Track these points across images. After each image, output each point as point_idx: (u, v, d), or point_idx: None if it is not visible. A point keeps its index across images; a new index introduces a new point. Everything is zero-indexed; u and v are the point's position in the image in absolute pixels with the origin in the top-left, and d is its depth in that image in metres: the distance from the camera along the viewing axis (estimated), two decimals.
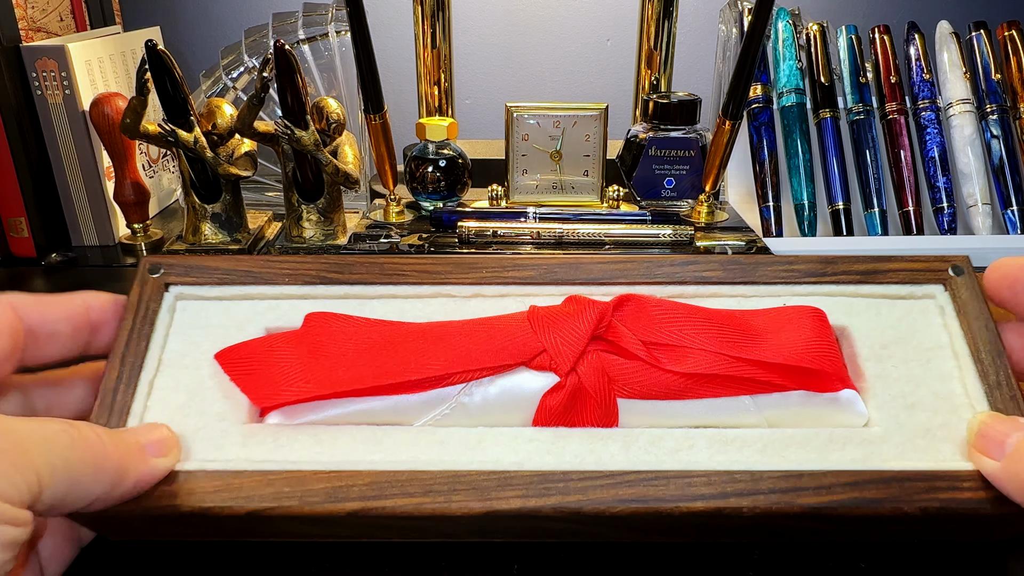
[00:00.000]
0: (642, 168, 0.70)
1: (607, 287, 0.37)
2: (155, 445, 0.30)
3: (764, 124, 0.77)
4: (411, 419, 0.33)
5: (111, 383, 0.32)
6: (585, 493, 0.29)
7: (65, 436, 0.26)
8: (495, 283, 0.37)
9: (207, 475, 0.30)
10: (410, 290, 0.37)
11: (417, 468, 0.30)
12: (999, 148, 0.76)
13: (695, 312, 0.35)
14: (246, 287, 0.37)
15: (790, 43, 0.78)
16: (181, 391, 0.33)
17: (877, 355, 0.35)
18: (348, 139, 0.65)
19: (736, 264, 0.38)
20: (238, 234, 0.66)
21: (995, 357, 0.33)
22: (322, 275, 0.37)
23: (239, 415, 0.32)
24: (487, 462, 0.31)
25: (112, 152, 0.66)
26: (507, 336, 0.33)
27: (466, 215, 0.68)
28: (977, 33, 0.78)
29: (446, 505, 0.29)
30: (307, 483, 0.29)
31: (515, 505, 0.29)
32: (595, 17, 0.94)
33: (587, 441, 0.32)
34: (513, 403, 0.33)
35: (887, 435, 0.32)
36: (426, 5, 0.72)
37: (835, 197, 0.76)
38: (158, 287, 0.36)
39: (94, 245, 0.73)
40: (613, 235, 0.65)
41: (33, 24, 0.76)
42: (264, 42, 0.75)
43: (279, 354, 0.34)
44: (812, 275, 0.37)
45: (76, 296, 0.33)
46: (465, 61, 0.96)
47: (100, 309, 0.34)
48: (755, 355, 0.33)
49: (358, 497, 0.29)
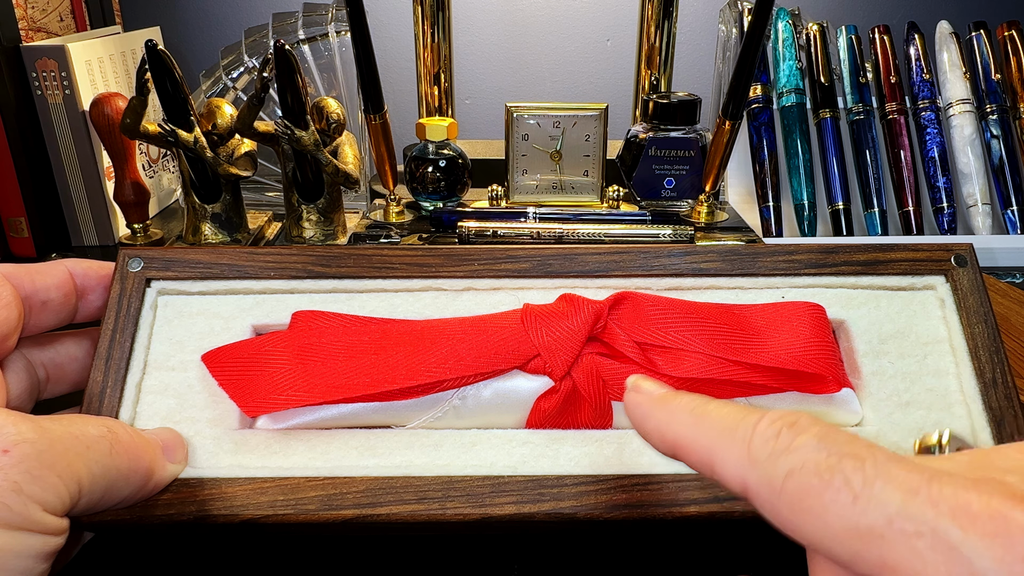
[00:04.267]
0: (642, 168, 0.70)
1: (603, 279, 0.36)
2: (169, 449, 0.30)
3: (764, 124, 0.77)
4: (404, 421, 0.33)
5: (96, 387, 0.32)
6: (579, 499, 0.29)
7: (104, 443, 0.26)
8: (488, 276, 0.36)
9: (201, 483, 0.30)
10: (400, 284, 0.36)
11: (411, 473, 0.30)
12: (999, 148, 0.76)
13: (692, 310, 0.34)
14: (230, 281, 0.36)
15: (790, 43, 0.78)
16: (170, 395, 0.33)
17: (875, 351, 0.34)
18: (348, 139, 0.65)
19: (735, 255, 0.36)
20: (238, 234, 0.66)
21: (992, 354, 0.33)
22: (308, 268, 0.36)
23: (230, 420, 0.32)
24: (481, 466, 0.31)
25: (112, 152, 0.66)
26: (501, 339, 0.33)
27: (466, 215, 0.68)
28: (977, 33, 0.78)
29: (440, 512, 0.29)
30: (301, 491, 0.29)
31: (509, 511, 0.29)
32: (595, 17, 0.94)
33: (581, 443, 0.32)
34: (507, 405, 0.33)
35: (880, 434, 0.32)
36: (426, 5, 0.72)
37: (835, 197, 0.76)
38: (139, 282, 0.35)
39: (94, 245, 0.73)
40: (613, 235, 0.65)
41: (33, 24, 0.76)
42: (264, 42, 0.75)
43: (267, 357, 0.33)
44: (812, 265, 0.36)
45: (58, 264, 0.33)
46: (465, 61, 0.96)
47: (84, 275, 0.34)
48: (752, 358, 0.33)
49: (352, 505, 0.29)
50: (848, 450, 0.20)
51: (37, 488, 0.24)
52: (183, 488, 0.29)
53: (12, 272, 0.31)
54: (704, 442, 0.23)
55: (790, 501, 0.20)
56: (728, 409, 0.23)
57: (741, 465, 0.22)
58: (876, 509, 0.19)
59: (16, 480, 0.23)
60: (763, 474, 0.21)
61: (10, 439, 0.24)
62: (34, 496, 0.24)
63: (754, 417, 0.22)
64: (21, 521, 0.23)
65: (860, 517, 0.19)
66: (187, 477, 0.30)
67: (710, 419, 0.23)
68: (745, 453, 0.22)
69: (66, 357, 0.34)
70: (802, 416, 0.22)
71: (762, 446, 0.21)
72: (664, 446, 0.24)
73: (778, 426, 0.21)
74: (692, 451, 0.23)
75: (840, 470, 0.20)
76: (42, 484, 0.24)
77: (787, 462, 0.21)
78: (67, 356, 0.34)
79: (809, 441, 0.21)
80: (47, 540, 0.24)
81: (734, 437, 0.22)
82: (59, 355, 0.34)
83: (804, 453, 0.20)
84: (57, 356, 0.34)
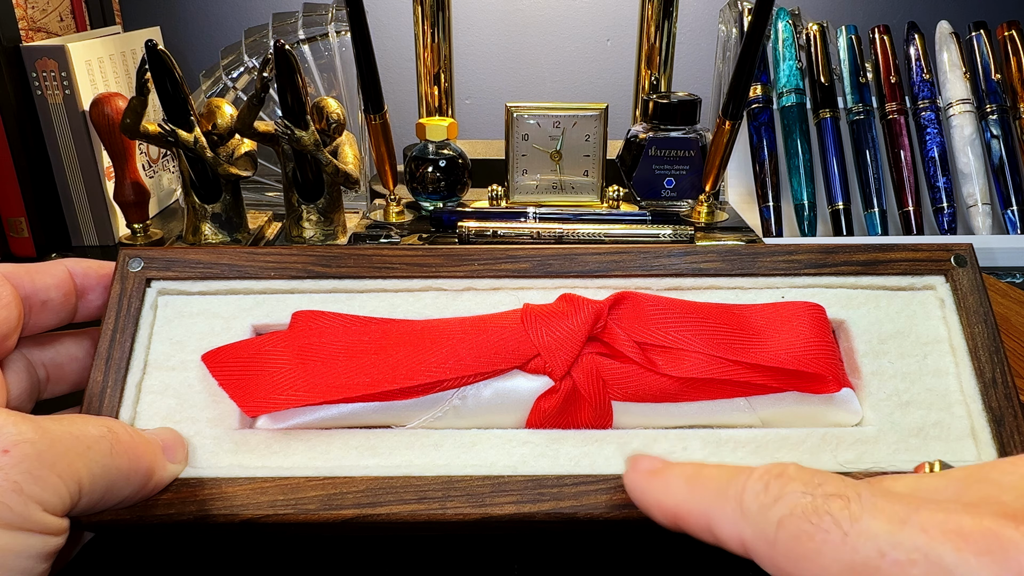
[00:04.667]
0: (642, 168, 0.70)
1: (602, 279, 0.36)
2: (169, 449, 0.30)
3: (764, 124, 0.77)
4: (404, 421, 0.33)
5: (96, 386, 0.32)
6: (579, 499, 0.29)
7: (105, 443, 0.26)
8: (488, 276, 0.36)
9: (201, 483, 0.30)
10: (400, 284, 0.36)
11: (411, 473, 0.30)
12: (999, 148, 0.76)
13: (692, 310, 0.34)
14: (230, 281, 0.36)
15: (790, 43, 0.78)
16: (170, 395, 0.33)
17: (874, 350, 0.34)
18: (348, 139, 0.65)
19: (735, 255, 0.36)
20: (238, 234, 0.66)
21: (992, 354, 0.33)
22: (309, 268, 0.36)
23: (230, 420, 0.32)
24: (481, 466, 0.31)
25: (112, 152, 0.66)
26: (501, 339, 0.33)
27: (466, 215, 0.68)
28: (977, 33, 0.78)
29: (440, 512, 0.29)
30: (301, 491, 0.29)
31: (509, 511, 0.29)
32: (595, 17, 0.94)
33: (581, 443, 0.32)
34: (507, 405, 0.33)
35: (880, 435, 0.32)
36: (426, 5, 0.72)
37: (835, 197, 0.76)
38: (140, 282, 0.35)
39: (94, 245, 0.73)
40: (613, 235, 0.65)
41: (33, 24, 0.76)
42: (264, 42, 0.75)
43: (268, 358, 0.33)
44: (812, 265, 0.36)
45: (57, 263, 0.33)
46: (465, 61, 0.96)
47: (83, 275, 0.34)
48: (752, 358, 0.33)
49: (352, 504, 0.29)
50: (833, 490, 0.21)
51: (37, 488, 0.24)
52: (183, 488, 0.29)
53: (12, 272, 0.31)
54: (701, 507, 0.23)
55: (785, 549, 0.20)
56: (720, 471, 0.24)
57: (736, 522, 0.22)
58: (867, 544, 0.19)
59: (16, 480, 0.23)
60: (756, 527, 0.21)
61: (10, 439, 0.24)
62: (34, 496, 0.24)
63: (744, 474, 0.22)
64: (21, 521, 0.23)
65: (853, 554, 0.19)
66: (187, 477, 0.30)
67: (703, 483, 0.23)
68: (738, 509, 0.22)
69: (66, 357, 0.34)
70: (789, 467, 0.22)
71: (752, 500, 0.22)
72: (665, 518, 0.25)
73: (766, 479, 0.22)
74: (690, 518, 0.24)
75: (828, 511, 0.20)
76: (42, 484, 0.24)
77: (777, 511, 0.21)
78: (67, 356, 0.34)
79: (795, 488, 0.21)
80: (47, 540, 0.24)
81: (727, 496, 0.22)
82: (59, 355, 0.34)
83: (792, 500, 0.21)
84: (57, 356, 0.34)
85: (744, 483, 0.22)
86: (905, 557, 0.18)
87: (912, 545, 0.19)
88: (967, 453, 0.31)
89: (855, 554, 0.19)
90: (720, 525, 0.22)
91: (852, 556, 0.19)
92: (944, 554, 0.18)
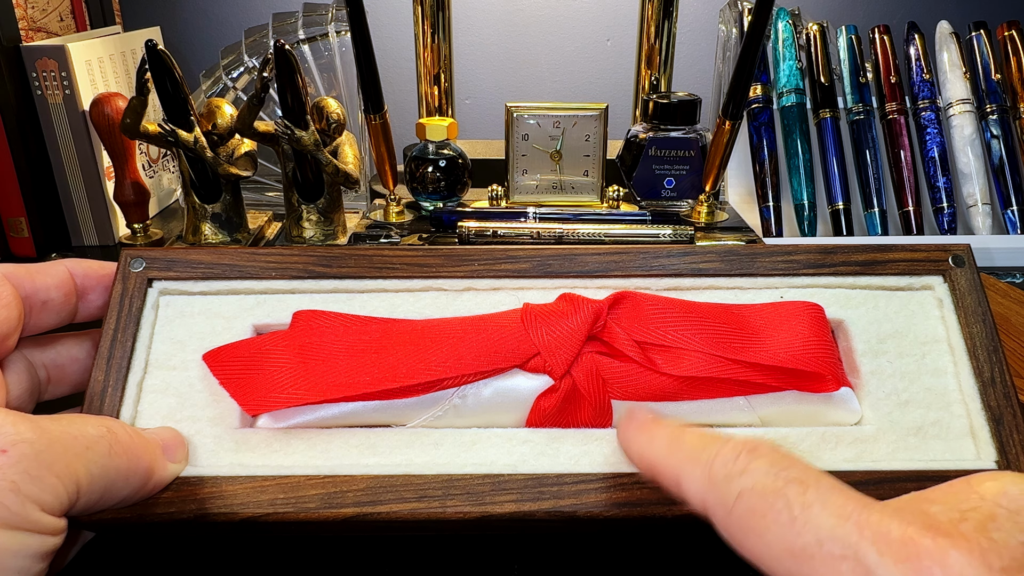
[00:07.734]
0: (642, 168, 0.70)
1: (602, 280, 0.36)
2: (169, 448, 0.30)
3: (764, 124, 0.77)
4: (404, 420, 0.33)
5: (97, 386, 0.32)
6: (579, 497, 0.29)
7: (103, 443, 0.26)
8: (488, 276, 0.36)
9: (201, 482, 0.30)
10: (400, 284, 0.36)
11: (411, 472, 0.30)
12: (999, 148, 0.76)
13: (692, 310, 0.34)
14: (231, 281, 0.36)
15: (790, 43, 0.78)
16: (171, 394, 0.33)
17: (873, 350, 0.34)
18: (348, 139, 0.65)
19: (734, 255, 0.37)
20: (238, 234, 0.66)
21: (990, 353, 0.33)
22: (309, 268, 0.36)
23: (231, 419, 0.32)
24: (481, 465, 0.31)
25: (112, 152, 0.66)
26: (501, 338, 0.33)
27: (466, 215, 0.68)
28: (977, 33, 0.78)
29: (441, 510, 0.29)
30: (302, 489, 0.29)
31: (509, 509, 0.29)
32: (595, 17, 0.94)
33: (581, 442, 0.32)
34: (507, 404, 0.33)
35: (879, 434, 0.32)
36: (426, 5, 0.72)
37: (835, 197, 0.76)
38: (141, 282, 0.35)
39: (94, 245, 0.73)
40: (613, 235, 0.65)
41: (33, 24, 0.76)
42: (264, 42, 0.75)
43: (268, 357, 0.33)
44: (811, 266, 0.36)
45: (58, 264, 0.33)
46: (465, 61, 0.96)
47: (84, 276, 0.34)
48: (751, 357, 0.33)
49: (353, 503, 0.29)
50: (795, 475, 0.22)
51: (35, 488, 0.24)
52: (183, 486, 0.29)
53: (12, 272, 0.31)
54: (674, 464, 0.25)
55: (738, 520, 0.22)
56: (700, 435, 0.25)
57: (702, 486, 0.23)
58: (810, 532, 0.20)
59: (14, 480, 0.23)
60: (719, 493, 0.23)
61: (8, 439, 0.24)
62: (32, 496, 0.24)
63: (720, 442, 0.24)
64: (19, 521, 0.23)
65: (795, 538, 0.20)
66: (188, 475, 0.30)
67: (682, 444, 0.25)
68: (707, 474, 0.23)
69: (67, 358, 0.34)
70: (763, 444, 0.23)
71: (721, 468, 0.23)
72: (643, 467, 0.27)
73: (739, 450, 0.23)
74: (664, 473, 0.25)
75: (784, 494, 0.21)
76: (40, 484, 0.24)
77: (739, 484, 0.22)
78: (68, 357, 0.34)
79: (761, 465, 0.22)
80: (45, 540, 0.24)
81: (699, 460, 0.24)
82: (60, 356, 0.34)
83: (755, 476, 0.22)
84: (58, 357, 0.34)
85: (718, 450, 0.23)
86: (839, 552, 0.19)
87: (847, 542, 0.19)
88: (966, 452, 0.31)
89: (797, 539, 0.20)
90: (688, 485, 0.24)
91: (793, 540, 0.20)
92: (869, 555, 0.19)
